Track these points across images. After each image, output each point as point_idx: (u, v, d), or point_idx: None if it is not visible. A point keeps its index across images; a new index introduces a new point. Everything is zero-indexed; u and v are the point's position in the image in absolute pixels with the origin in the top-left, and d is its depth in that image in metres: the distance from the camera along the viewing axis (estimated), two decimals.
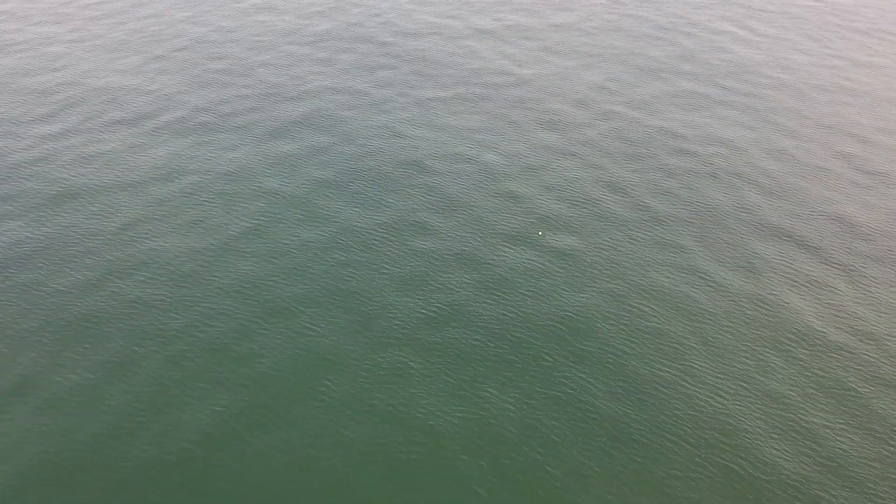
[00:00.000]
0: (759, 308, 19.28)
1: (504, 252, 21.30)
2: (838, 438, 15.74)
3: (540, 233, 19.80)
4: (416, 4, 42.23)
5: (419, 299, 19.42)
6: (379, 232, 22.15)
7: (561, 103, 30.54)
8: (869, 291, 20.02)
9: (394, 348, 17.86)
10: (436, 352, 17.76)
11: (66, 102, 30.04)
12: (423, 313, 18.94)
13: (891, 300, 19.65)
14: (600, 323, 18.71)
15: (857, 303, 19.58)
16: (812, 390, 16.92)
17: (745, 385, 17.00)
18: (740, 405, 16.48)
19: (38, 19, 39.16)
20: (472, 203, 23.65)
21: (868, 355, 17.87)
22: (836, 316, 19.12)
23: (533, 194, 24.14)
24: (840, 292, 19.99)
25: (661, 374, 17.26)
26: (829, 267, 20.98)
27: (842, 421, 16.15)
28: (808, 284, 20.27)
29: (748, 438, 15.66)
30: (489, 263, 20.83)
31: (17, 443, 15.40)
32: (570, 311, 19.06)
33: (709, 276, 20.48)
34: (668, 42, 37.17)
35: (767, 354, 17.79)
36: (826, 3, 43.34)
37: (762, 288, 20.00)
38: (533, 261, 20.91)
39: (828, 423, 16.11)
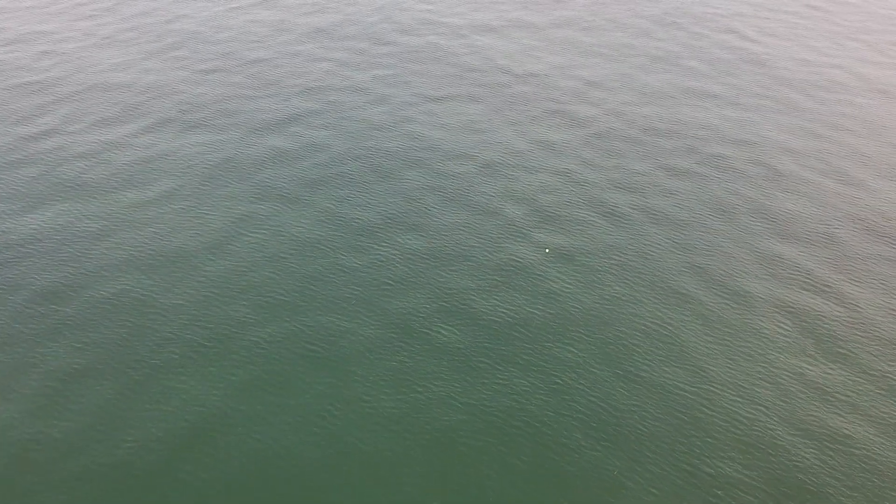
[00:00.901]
0: (752, 334, 18.61)
1: (502, 255, 20.76)
2: (819, 474, 15.27)
3: (547, 250, 19.32)
4: (413, 1, 41.65)
5: (415, 301, 18.87)
6: (372, 231, 21.59)
7: (561, 101, 30.00)
8: (864, 317, 19.45)
9: (393, 354, 17.34)
10: (442, 356, 17.23)
11: (54, 100, 29.42)
12: (419, 317, 18.41)
13: (887, 327, 18.96)
14: (596, 342, 18.20)
15: (853, 329, 19.05)
16: (801, 426, 16.43)
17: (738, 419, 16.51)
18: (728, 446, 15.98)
19: (28, 16, 38.50)
20: (468, 205, 23.09)
21: (861, 386, 17.33)
22: (831, 345, 18.56)
23: (532, 197, 23.60)
24: (833, 318, 19.49)
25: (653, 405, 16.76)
26: (825, 289, 20.50)
27: (826, 458, 15.66)
28: (801, 308, 19.78)
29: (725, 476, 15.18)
30: (486, 268, 20.30)
31: None
32: (579, 326, 18.54)
33: (703, 300, 19.96)
34: (666, 38, 36.66)
35: (762, 388, 17.12)
36: (821, 9, 42.92)
37: (756, 312, 19.39)
38: (533, 272, 20.38)
39: (812, 461, 15.64)
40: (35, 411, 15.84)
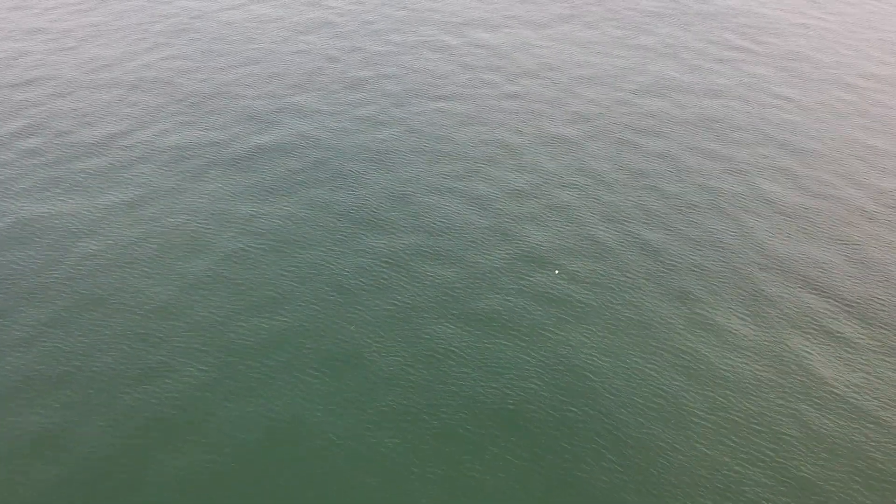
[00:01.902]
0: (769, 365, 17.45)
1: (502, 288, 20.14)
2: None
3: (557, 272, 18.77)
4: (409, 11, 41.06)
5: (417, 301, 18.28)
6: (367, 231, 20.97)
7: (558, 101, 29.41)
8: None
9: (391, 391, 16.72)
10: (449, 362, 16.62)
11: (42, 99, 28.71)
12: (417, 359, 17.81)
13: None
14: (599, 375, 17.59)
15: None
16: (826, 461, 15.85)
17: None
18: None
19: (19, 14, 37.86)
20: (465, 204, 22.48)
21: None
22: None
23: (533, 217, 22.99)
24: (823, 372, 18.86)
25: (659, 435, 16.18)
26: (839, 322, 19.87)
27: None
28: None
29: None
30: (482, 304, 19.68)
31: None
32: (579, 360, 17.90)
33: (714, 327, 19.34)
34: (666, 36, 36.12)
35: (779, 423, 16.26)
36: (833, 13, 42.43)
37: (766, 342, 18.58)
38: (537, 300, 19.78)
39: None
40: (13, 417, 15.21)
